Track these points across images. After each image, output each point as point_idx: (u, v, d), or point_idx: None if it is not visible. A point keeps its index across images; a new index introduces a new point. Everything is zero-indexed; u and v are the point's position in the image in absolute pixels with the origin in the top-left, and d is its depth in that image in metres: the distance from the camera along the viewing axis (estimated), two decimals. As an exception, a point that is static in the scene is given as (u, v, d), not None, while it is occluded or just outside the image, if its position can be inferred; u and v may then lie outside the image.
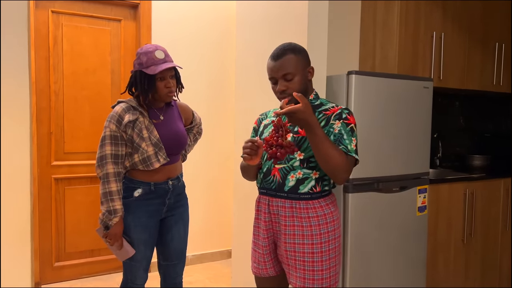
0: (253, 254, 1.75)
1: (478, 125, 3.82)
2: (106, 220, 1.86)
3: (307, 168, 1.58)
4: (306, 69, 1.62)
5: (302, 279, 1.58)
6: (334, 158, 1.46)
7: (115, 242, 1.88)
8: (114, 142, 1.86)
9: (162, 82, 1.88)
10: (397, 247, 2.39)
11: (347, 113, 1.58)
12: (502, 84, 3.34)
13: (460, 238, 2.86)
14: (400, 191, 2.39)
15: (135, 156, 1.89)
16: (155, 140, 1.89)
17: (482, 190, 2.95)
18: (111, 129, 1.86)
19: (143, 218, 1.94)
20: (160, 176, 1.95)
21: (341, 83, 2.24)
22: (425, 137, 2.51)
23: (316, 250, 1.57)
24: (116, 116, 1.86)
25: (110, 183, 1.85)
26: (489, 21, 3.23)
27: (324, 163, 1.48)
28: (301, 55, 1.60)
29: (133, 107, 1.89)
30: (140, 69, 1.86)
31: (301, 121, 1.43)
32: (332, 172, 1.49)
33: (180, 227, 2.07)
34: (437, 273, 2.77)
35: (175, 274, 2.10)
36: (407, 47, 2.80)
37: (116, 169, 1.86)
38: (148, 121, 1.90)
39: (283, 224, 1.61)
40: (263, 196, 1.68)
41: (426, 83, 2.49)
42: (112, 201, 1.84)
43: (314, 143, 1.47)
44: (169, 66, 1.85)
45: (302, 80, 1.59)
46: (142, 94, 1.88)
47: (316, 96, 1.69)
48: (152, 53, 1.85)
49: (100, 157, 1.86)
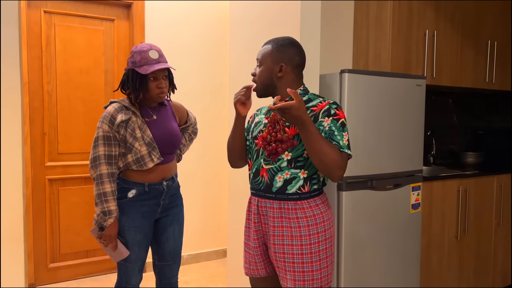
0: (245, 254, 1.74)
1: (471, 123, 3.85)
2: (101, 221, 1.84)
3: (295, 168, 1.56)
4: (276, 64, 1.57)
5: (293, 281, 1.56)
6: (329, 155, 1.44)
7: (109, 243, 1.87)
8: (107, 143, 1.85)
9: (154, 82, 1.87)
10: (391, 244, 2.40)
11: (335, 108, 1.55)
12: (494, 81, 3.36)
13: (453, 235, 2.87)
14: (394, 189, 2.40)
15: (129, 156, 1.88)
16: (148, 140, 1.88)
17: (476, 187, 2.97)
18: (103, 130, 1.85)
19: (138, 219, 1.93)
20: (155, 176, 1.94)
21: (334, 81, 2.24)
22: (419, 135, 2.52)
23: (305, 251, 1.55)
24: (109, 116, 1.85)
25: (104, 184, 1.84)
26: (482, 19, 3.24)
27: (319, 161, 1.46)
28: (278, 49, 1.58)
29: (125, 107, 1.88)
30: (133, 67, 1.85)
31: (295, 118, 1.42)
32: (327, 170, 1.48)
33: (175, 227, 2.07)
34: (431, 270, 2.79)
35: (170, 274, 2.09)
36: (400, 45, 2.81)
37: (110, 169, 1.85)
38: (141, 121, 1.89)
39: (272, 225, 1.59)
40: (253, 196, 1.67)
41: (419, 81, 2.50)
42: (106, 202, 1.83)
43: (308, 141, 1.45)
44: (162, 67, 1.84)
45: (266, 72, 1.59)
46: (133, 93, 1.87)
47: (305, 90, 1.63)
48: (146, 52, 1.84)
49: (94, 158, 1.85)
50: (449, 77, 3.10)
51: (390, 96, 2.36)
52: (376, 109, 2.31)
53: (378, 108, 2.31)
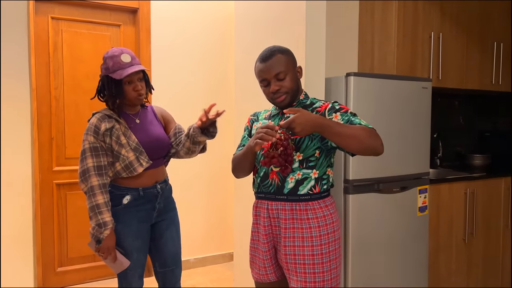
0: (253, 259, 1.73)
1: (477, 124, 3.83)
2: (97, 234, 1.80)
3: (307, 168, 1.57)
4: (295, 68, 1.64)
5: (304, 282, 1.56)
6: (361, 132, 1.43)
7: (108, 255, 1.84)
8: (95, 154, 1.83)
9: (130, 85, 1.85)
10: (399, 247, 2.39)
11: (338, 104, 1.59)
12: (501, 83, 3.34)
13: (461, 237, 2.86)
14: (401, 192, 2.40)
15: (117, 165, 1.86)
16: (134, 145, 1.86)
17: (483, 189, 2.95)
18: (89, 141, 1.82)
19: (134, 225, 1.90)
20: (147, 180, 1.92)
21: (339, 84, 2.24)
22: (425, 137, 2.51)
23: (316, 252, 1.56)
24: (92, 127, 1.83)
25: (96, 195, 1.80)
26: (487, 20, 3.23)
27: (356, 143, 1.43)
28: (289, 54, 1.62)
29: (107, 115, 1.86)
30: (107, 73, 1.84)
31: (308, 123, 1.40)
32: (368, 146, 1.44)
33: (173, 230, 2.04)
34: (439, 273, 2.77)
35: (174, 279, 2.06)
36: (406, 47, 2.81)
37: (101, 180, 1.82)
38: (125, 127, 1.87)
39: (283, 227, 1.60)
40: (261, 200, 1.66)
41: (425, 83, 2.50)
42: (100, 213, 1.80)
43: (335, 132, 1.42)
44: (136, 70, 1.82)
45: (294, 78, 1.61)
46: (111, 99, 1.86)
47: (306, 95, 1.69)
48: (118, 57, 1.82)
49: (83, 171, 1.82)
50: (455, 79, 3.09)
51: (396, 98, 2.36)
52: (382, 112, 2.30)
53: (384, 111, 2.31)
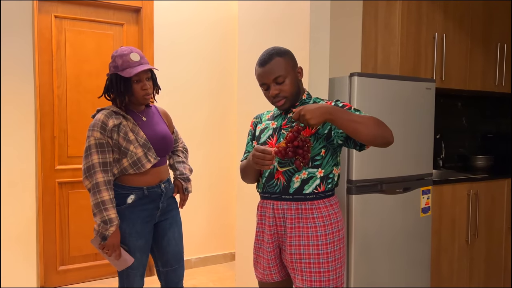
0: (257, 259, 1.73)
1: (481, 126, 3.82)
2: (102, 231, 1.79)
3: (312, 167, 1.58)
4: (295, 69, 1.63)
5: (309, 282, 1.57)
6: (371, 120, 1.45)
7: (113, 253, 1.83)
8: (101, 150, 1.82)
9: (139, 84, 1.86)
10: (401, 248, 2.39)
11: (342, 102, 1.60)
12: (504, 84, 3.33)
13: (464, 238, 2.85)
14: (404, 192, 2.39)
15: (124, 161, 1.85)
16: (143, 141, 1.87)
17: (486, 191, 2.95)
18: (95, 137, 1.81)
19: (138, 225, 1.90)
20: (153, 179, 1.92)
21: (343, 85, 2.24)
22: (428, 138, 2.51)
23: (321, 251, 1.57)
24: (99, 123, 1.83)
25: (102, 192, 1.79)
26: (491, 22, 3.23)
27: (366, 129, 1.43)
28: (288, 56, 1.61)
29: (114, 112, 1.86)
30: (116, 72, 1.84)
31: (317, 110, 1.40)
32: (378, 133, 1.45)
33: (175, 230, 2.04)
34: (441, 274, 2.77)
35: (177, 279, 2.06)
36: (409, 48, 2.80)
37: (106, 177, 1.81)
38: (132, 124, 1.87)
39: (289, 227, 1.60)
40: (266, 200, 1.67)
41: (429, 84, 2.49)
42: (106, 210, 1.79)
43: (345, 118, 1.43)
44: (145, 68, 1.83)
45: (294, 81, 1.60)
46: (119, 97, 1.86)
47: (308, 95, 1.70)
48: (127, 55, 1.83)
49: (87, 167, 1.80)
50: (459, 80, 3.08)
51: (399, 99, 2.35)
52: (385, 113, 2.30)
53: (387, 111, 2.31)
